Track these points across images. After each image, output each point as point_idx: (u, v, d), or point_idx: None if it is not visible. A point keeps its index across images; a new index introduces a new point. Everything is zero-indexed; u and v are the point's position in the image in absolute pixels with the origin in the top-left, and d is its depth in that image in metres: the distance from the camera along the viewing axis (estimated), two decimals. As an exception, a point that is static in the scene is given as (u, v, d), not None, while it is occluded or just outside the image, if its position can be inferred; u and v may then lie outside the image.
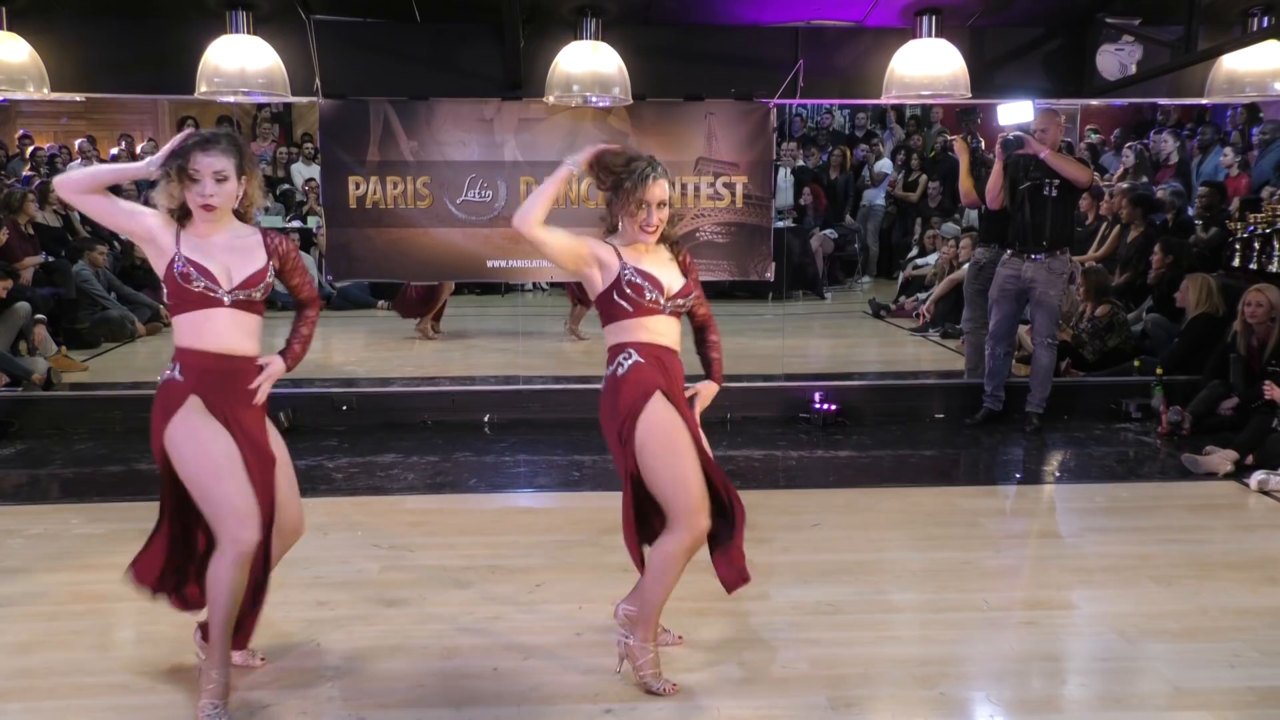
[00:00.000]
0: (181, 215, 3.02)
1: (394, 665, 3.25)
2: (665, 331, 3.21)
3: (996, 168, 6.46)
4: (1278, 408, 5.55)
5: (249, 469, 3.00)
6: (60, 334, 8.10)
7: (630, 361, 3.14)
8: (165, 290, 3.03)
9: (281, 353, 3.20)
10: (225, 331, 3.03)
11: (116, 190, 3.15)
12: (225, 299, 3.00)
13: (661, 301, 3.17)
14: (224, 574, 2.98)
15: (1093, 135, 11.85)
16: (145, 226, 3.02)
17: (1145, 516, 4.87)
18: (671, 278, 3.22)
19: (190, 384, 3.00)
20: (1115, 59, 6.19)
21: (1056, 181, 6.12)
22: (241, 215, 3.13)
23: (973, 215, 9.74)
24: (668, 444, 3.09)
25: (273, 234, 3.17)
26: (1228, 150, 9.29)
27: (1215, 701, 3.16)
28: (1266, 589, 4.03)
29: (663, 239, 3.25)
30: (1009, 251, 6.37)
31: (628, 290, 3.13)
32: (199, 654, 3.18)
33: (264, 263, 3.08)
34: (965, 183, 7.02)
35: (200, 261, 2.98)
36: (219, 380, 3.03)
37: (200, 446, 2.98)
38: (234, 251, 3.05)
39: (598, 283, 3.17)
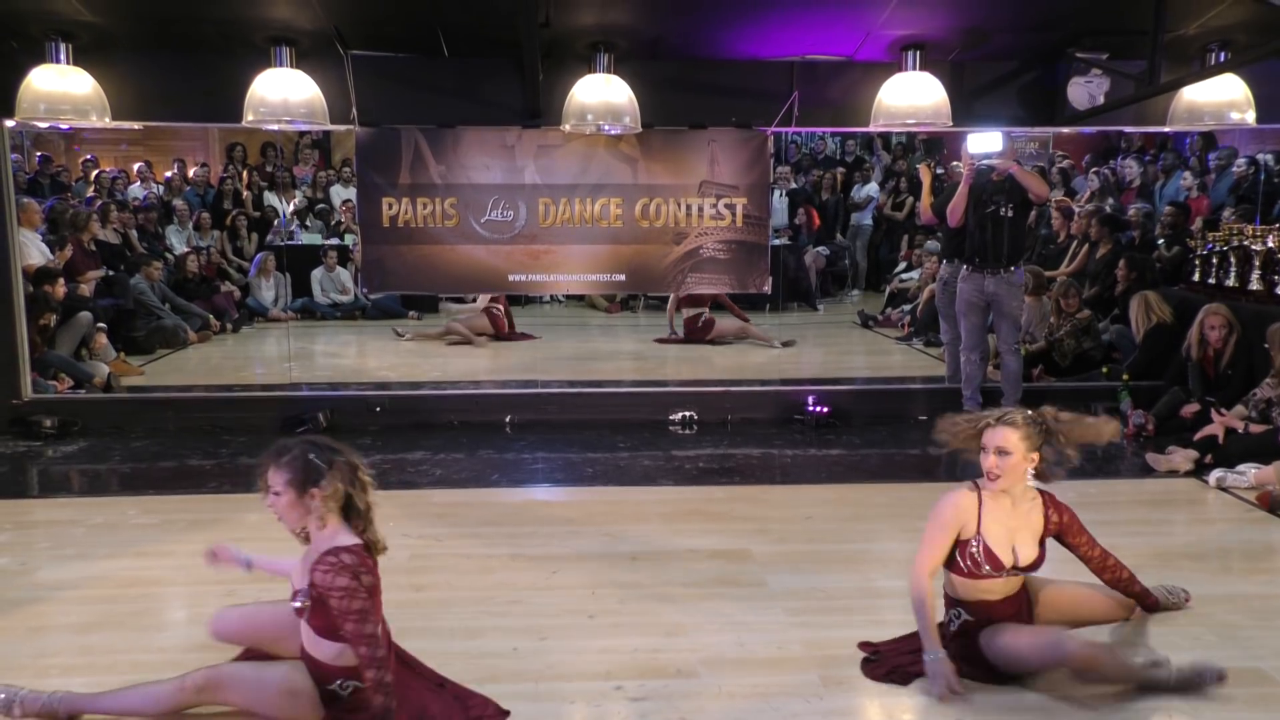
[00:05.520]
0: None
1: (422, 645, 3.26)
2: (992, 590, 3.12)
3: (962, 189, 6.48)
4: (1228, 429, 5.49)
5: None
6: (119, 341, 8.13)
7: (959, 621, 3.18)
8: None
9: None
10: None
11: None
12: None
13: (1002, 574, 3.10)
14: None
15: (1062, 160, 11.82)
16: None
17: (1112, 511, 4.85)
18: (1021, 543, 3.10)
19: None
20: (1085, 90, 6.20)
21: (1011, 205, 6.27)
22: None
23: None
24: None
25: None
26: (1187, 174, 9.28)
27: (1176, 681, 3.15)
28: (1223, 578, 4.03)
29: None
30: (968, 267, 6.44)
31: (967, 561, 3.11)
32: None
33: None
34: (925, 202, 7.24)
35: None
36: None
37: None
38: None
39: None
